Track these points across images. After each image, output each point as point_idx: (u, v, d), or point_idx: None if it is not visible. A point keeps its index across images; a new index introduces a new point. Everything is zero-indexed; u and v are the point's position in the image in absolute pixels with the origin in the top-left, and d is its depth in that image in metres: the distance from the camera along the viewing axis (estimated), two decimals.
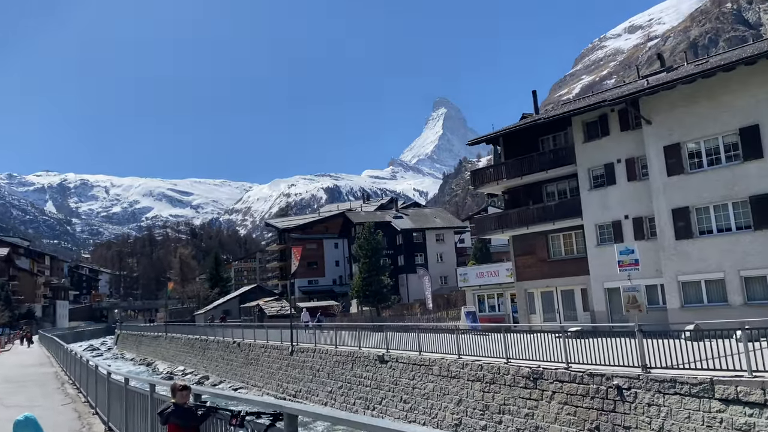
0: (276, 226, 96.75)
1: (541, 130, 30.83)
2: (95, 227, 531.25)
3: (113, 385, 12.02)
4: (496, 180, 31.36)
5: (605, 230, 27.29)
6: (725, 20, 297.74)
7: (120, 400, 11.09)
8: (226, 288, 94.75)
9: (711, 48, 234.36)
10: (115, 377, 12.22)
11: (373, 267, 49.29)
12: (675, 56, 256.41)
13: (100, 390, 13.93)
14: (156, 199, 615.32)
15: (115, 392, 11.80)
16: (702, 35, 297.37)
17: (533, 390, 18.45)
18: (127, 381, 10.55)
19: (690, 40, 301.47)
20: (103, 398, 13.26)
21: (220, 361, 45.22)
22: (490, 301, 34.69)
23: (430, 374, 23.01)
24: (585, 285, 28.62)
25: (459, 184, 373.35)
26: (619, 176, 26.72)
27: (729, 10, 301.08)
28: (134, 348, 73.25)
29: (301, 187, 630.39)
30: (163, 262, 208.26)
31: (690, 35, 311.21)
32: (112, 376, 12.46)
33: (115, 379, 12.09)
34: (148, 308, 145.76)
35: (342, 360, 29.32)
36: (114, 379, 12.14)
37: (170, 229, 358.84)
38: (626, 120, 26.52)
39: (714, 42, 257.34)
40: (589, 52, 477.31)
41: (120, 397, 11.15)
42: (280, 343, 36.34)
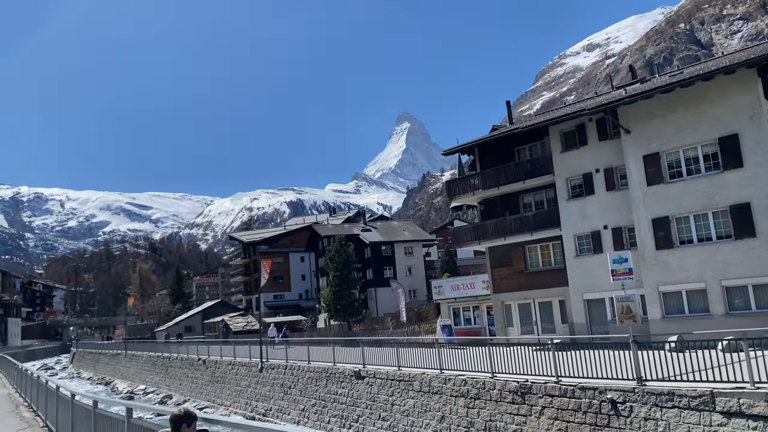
0: (240, 239, 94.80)
1: (518, 140, 30.53)
2: (50, 242, 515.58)
3: (78, 408, 10.87)
4: (471, 190, 30.86)
5: (584, 241, 26.99)
6: (679, 40, 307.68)
7: (86, 426, 9.98)
8: (188, 304, 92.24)
9: (666, 66, 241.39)
10: (81, 400, 11.07)
11: (344, 280, 48.24)
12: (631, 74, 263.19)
13: (62, 414, 12.69)
14: (114, 213, 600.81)
15: (81, 417, 10.67)
16: (657, 54, 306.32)
17: (521, 405, 17.79)
18: (95, 404, 9.45)
19: (646, 59, 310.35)
20: (66, 423, 12.05)
21: (184, 380, 43.49)
22: (466, 314, 34.09)
23: (411, 390, 22.18)
24: (563, 297, 28.24)
25: (423, 198, 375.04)
26: (597, 186, 26.50)
27: (682, 30, 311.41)
28: (91, 367, 70.42)
29: (264, 201, 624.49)
30: (121, 278, 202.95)
31: (646, 54, 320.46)
32: (77, 399, 11.30)
33: (80, 402, 10.94)
34: (106, 325, 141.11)
35: (315, 376, 28.25)
36: (80, 402, 10.99)
37: (128, 244, 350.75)
38: (604, 129, 26.36)
39: (668, 60, 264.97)
40: (549, 69, 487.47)
41: (86, 422, 10.03)
42: (249, 359, 35.03)
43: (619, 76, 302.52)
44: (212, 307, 76.27)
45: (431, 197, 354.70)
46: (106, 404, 9.41)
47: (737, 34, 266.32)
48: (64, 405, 12.43)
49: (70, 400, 11.48)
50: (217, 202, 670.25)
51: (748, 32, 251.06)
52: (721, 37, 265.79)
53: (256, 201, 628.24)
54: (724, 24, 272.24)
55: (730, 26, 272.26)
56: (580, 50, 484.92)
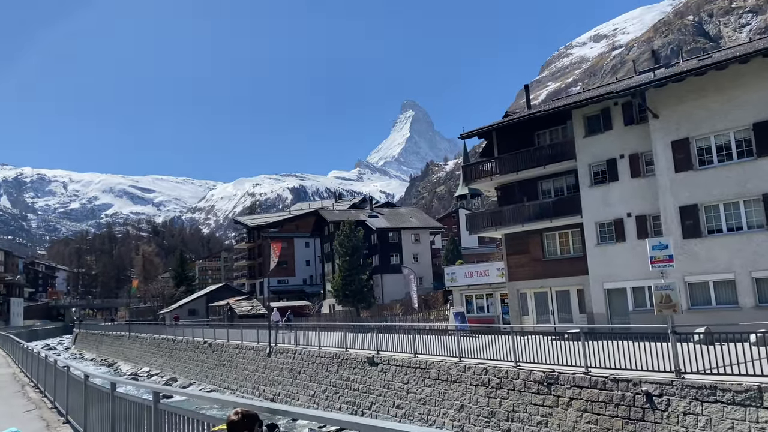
0: (245, 223, 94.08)
1: (537, 125, 29.68)
2: (52, 223, 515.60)
3: (93, 390, 10.17)
4: (489, 175, 30.06)
5: (606, 229, 26.21)
6: (687, 32, 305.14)
7: (102, 410, 9.28)
8: (192, 287, 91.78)
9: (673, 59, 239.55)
10: (95, 381, 10.37)
11: (353, 265, 47.51)
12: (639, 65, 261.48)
13: (73, 395, 12.01)
14: (116, 195, 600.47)
15: (95, 399, 9.98)
16: (665, 46, 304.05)
17: (547, 396, 17.11)
18: (113, 386, 8.73)
19: (653, 51, 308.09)
20: (77, 405, 11.37)
21: (189, 363, 42.97)
22: (479, 302, 33.41)
23: (427, 378, 21.52)
24: (582, 286, 27.52)
25: (426, 187, 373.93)
26: (621, 172, 25.68)
27: (691, 22, 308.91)
28: (94, 348, 70.03)
29: (267, 187, 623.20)
30: (123, 260, 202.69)
31: (653, 45, 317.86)
32: (90, 380, 10.60)
33: (95, 383, 10.24)
34: (108, 307, 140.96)
35: (326, 362, 27.62)
36: (94, 383, 10.29)
37: (131, 227, 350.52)
38: (630, 114, 25.51)
39: (675, 53, 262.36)
40: (555, 59, 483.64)
41: (101, 406, 9.34)
42: (257, 343, 34.44)
43: (625, 67, 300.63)
44: (216, 290, 75.74)
45: (434, 186, 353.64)
46: (126, 387, 8.67)
47: (746, 27, 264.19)
48: (75, 386, 11.74)
49: (83, 382, 10.77)
50: (220, 187, 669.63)
51: (758, 25, 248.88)
52: (729, 30, 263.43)
53: (258, 186, 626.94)
54: (733, 17, 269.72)
55: (739, 19, 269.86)
56: (586, 41, 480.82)
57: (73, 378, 11.85)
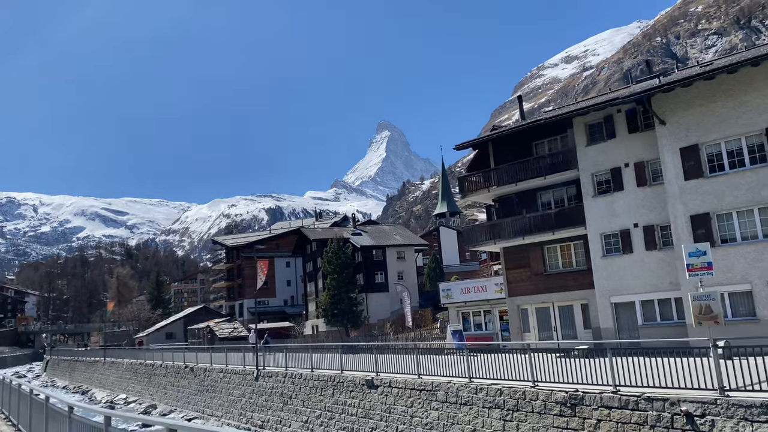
0: (224, 243, 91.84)
1: (535, 134, 28.79)
2: (21, 247, 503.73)
3: (79, 424, 8.66)
4: (486, 187, 29.00)
5: (612, 240, 25.24)
6: (655, 53, 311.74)
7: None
8: (168, 310, 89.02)
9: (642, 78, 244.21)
10: (80, 414, 8.87)
11: (342, 283, 45.89)
12: (609, 85, 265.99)
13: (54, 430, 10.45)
14: (89, 218, 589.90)
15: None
16: (634, 66, 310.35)
17: (571, 418, 15.85)
18: (108, 421, 7.27)
19: (623, 71, 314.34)
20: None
21: (169, 388, 40.90)
22: (477, 319, 32.14)
23: (434, 400, 20.13)
24: (586, 300, 26.46)
25: (402, 206, 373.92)
26: (627, 181, 24.79)
27: (659, 43, 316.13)
28: (66, 375, 67.12)
29: (242, 208, 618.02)
30: (96, 284, 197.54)
31: (623, 66, 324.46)
32: (75, 412, 9.08)
33: (81, 417, 8.73)
34: (80, 332, 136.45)
35: (320, 385, 26.06)
36: (80, 417, 8.78)
37: (103, 250, 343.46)
38: (634, 121, 24.71)
39: (645, 73, 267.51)
40: (527, 80, 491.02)
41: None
42: (243, 367, 32.72)
43: (597, 87, 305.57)
44: (194, 313, 73.33)
45: (411, 205, 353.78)
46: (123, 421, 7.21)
47: (712, 49, 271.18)
48: (56, 420, 10.20)
49: (66, 415, 9.24)
50: (195, 209, 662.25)
51: (723, 47, 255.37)
52: (696, 51, 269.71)
53: (233, 207, 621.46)
54: (699, 38, 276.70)
55: (705, 41, 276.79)
56: (558, 62, 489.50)
57: (55, 411, 10.29)
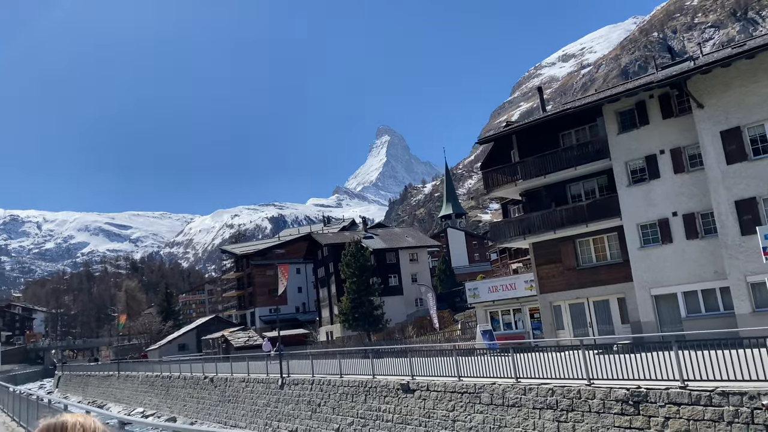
0: (233, 252, 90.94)
1: (562, 125, 27.90)
2: (27, 265, 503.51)
3: None
4: (513, 180, 28.09)
5: (649, 230, 24.32)
6: (653, 48, 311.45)
7: None
8: (179, 321, 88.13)
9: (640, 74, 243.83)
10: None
11: (362, 287, 44.91)
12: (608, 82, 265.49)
13: None
14: (92, 233, 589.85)
15: None
16: (632, 62, 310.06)
17: (634, 416, 14.92)
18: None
19: (621, 68, 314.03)
20: None
21: (188, 400, 39.96)
22: (506, 318, 31.18)
23: (477, 403, 19.20)
24: (623, 294, 25.52)
25: (405, 210, 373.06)
26: (663, 169, 23.88)
27: (656, 38, 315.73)
28: (79, 390, 66.20)
29: (245, 217, 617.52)
30: (103, 298, 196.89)
31: (621, 62, 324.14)
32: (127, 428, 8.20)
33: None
34: (89, 347, 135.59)
35: (350, 391, 25.13)
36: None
37: (109, 264, 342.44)
38: (669, 106, 23.83)
39: (644, 69, 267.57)
40: (525, 80, 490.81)
41: None
42: (266, 375, 31.78)
43: (595, 84, 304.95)
44: (207, 323, 72.46)
45: (414, 209, 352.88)
46: None
47: (709, 42, 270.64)
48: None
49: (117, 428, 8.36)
50: (198, 220, 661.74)
51: (720, 39, 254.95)
52: (693, 45, 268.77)
53: (237, 218, 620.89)
54: (696, 32, 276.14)
55: (702, 34, 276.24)
56: (555, 61, 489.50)
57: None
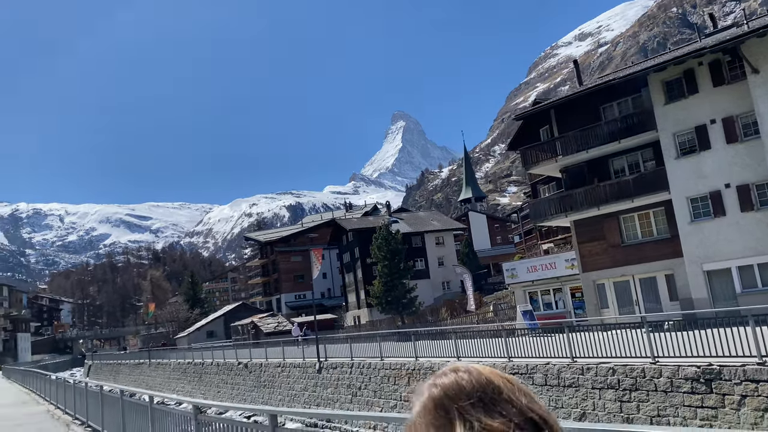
0: (257, 239, 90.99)
1: (603, 97, 26.99)
2: (50, 257, 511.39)
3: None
4: (553, 157, 27.29)
5: (700, 204, 23.44)
6: (672, 24, 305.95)
7: None
8: (205, 309, 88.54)
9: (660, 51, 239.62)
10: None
11: (394, 270, 44.40)
12: (626, 60, 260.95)
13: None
14: (113, 225, 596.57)
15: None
16: (650, 39, 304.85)
17: (706, 395, 14.25)
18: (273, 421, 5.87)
19: (640, 45, 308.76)
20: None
21: (222, 386, 39.89)
22: (545, 298, 30.53)
23: (530, 384, 18.61)
24: (671, 270, 24.72)
25: (422, 195, 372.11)
26: (714, 139, 22.94)
27: (675, 14, 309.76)
28: (111, 378, 66.71)
29: (263, 206, 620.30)
30: (127, 288, 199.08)
31: (639, 40, 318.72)
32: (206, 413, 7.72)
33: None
34: (115, 336, 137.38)
35: (392, 374, 24.68)
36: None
37: (131, 255, 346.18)
38: (720, 73, 22.84)
39: (662, 45, 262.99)
40: (542, 60, 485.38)
41: None
42: (302, 360, 31.46)
43: (613, 63, 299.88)
44: (234, 310, 72.62)
45: (431, 194, 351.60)
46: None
47: (730, 15, 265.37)
48: (173, 420, 8.90)
49: (191, 415, 7.89)
50: (216, 210, 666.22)
51: (741, 13, 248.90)
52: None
53: (255, 206, 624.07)
54: (716, 6, 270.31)
55: (722, 8, 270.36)
56: (572, 40, 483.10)
57: (175, 413, 8.97)
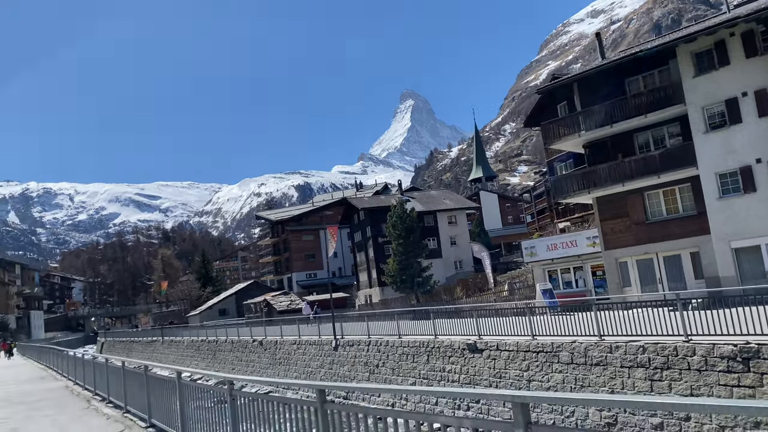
0: (268, 218, 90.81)
1: (628, 70, 26.25)
2: (61, 236, 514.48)
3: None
4: (576, 131, 26.63)
5: (729, 179, 22.80)
6: (686, 0, 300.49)
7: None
8: (217, 287, 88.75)
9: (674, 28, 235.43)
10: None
11: (409, 248, 43.97)
12: (639, 38, 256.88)
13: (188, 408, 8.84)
14: (123, 204, 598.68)
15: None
16: (665, 16, 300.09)
17: (743, 374, 13.81)
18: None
19: (653, 22, 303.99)
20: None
21: (237, 363, 39.89)
22: (565, 276, 30.07)
23: (556, 362, 18.25)
24: (697, 248, 24.17)
25: (431, 175, 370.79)
26: (746, 113, 22.22)
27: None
28: (124, 355, 67.12)
29: (272, 186, 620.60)
30: (138, 267, 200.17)
31: (653, 16, 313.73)
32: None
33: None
34: (126, 314, 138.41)
35: (411, 352, 24.42)
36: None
37: (141, 234, 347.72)
38: (752, 44, 22.05)
39: (677, 23, 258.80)
40: (553, 38, 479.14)
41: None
42: (318, 337, 31.29)
43: (626, 40, 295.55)
44: (246, 288, 72.73)
45: (440, 174, 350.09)
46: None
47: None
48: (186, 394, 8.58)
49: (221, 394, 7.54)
50: (225, 189, 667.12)
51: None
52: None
53: (263, 186, 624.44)
54: None
55: None
56: (584, 17, 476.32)
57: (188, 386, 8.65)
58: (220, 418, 7.76)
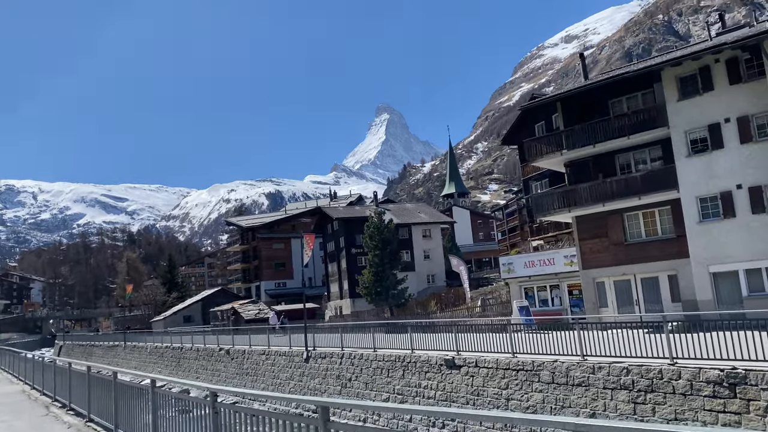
0: (239, 224, 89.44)
1: (612, 91, 26.35)
2: (22, 235, 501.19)
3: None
4: (558, 150, 26.58)
5: (709, 204, 22.91)
6: (657, 31, 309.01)
7: None
8: (182, 293, 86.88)
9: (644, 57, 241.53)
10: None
11: (385, 260, 43.51)
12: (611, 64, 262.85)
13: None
14: (88, 205, 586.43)
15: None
16: (636, 45, 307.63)
17: (730, 400, 13.62)
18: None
19: (625, 50, 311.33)
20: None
21: (202, 372, 38.77)
22: (542, 294, 29.90)
23: (536, 381, 17.91)
24: (675, 271, 24.21)
25: (404, 189, 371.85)
26: (728, 138, 22.39)
27: (660, 21, 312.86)
28: (83, 360, 65.11)
29: (242, 193, 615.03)
30: (101, 270, 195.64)
31: (624, 45, 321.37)
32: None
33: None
34: (87, 317, 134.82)
35: (386, 366, 23.86)
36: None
37: (105, 236, 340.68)
38: (736, 71, 22.27)
39: (648, 51, 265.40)
40: (527, 60, 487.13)
41: None
42: (289, 348, 30.51)
43: (598, 66, 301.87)
44: (213, 295, 71.27)
45: (412, 188, 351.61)
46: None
47: (715, 26, 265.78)
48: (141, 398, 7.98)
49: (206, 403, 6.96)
50: (194, 194, 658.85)
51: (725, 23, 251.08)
52: (698, 29, 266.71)
53: (233, 192, 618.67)
54: (702, 15, 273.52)
55: (707, 17, 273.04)
56: (558, 42, 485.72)
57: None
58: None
